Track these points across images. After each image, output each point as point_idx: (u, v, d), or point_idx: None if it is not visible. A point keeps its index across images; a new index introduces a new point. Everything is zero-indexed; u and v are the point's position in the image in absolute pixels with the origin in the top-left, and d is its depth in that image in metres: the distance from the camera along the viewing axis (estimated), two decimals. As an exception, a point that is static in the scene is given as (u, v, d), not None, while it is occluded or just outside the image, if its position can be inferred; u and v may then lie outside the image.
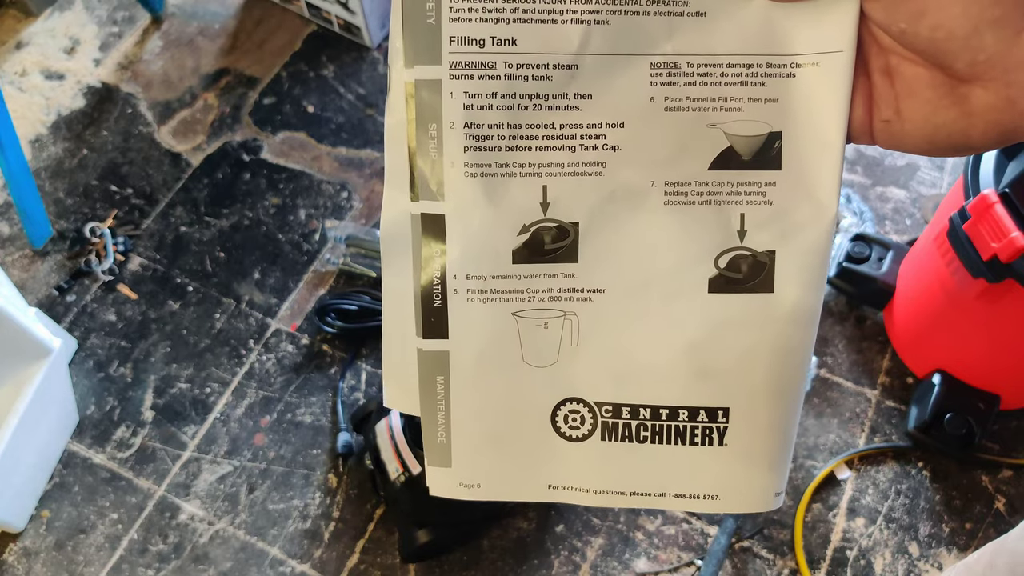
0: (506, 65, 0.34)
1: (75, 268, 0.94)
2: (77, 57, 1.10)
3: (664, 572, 0.78)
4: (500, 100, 0.34)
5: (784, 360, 0.38)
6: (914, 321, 0.83)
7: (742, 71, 0.34)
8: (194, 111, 1.05)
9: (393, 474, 0.74)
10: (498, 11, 0.33)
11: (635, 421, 0.39)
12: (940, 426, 0.80)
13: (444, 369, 0.38)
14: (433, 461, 0.40)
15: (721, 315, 0.37)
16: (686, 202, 0.36)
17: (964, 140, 0.31)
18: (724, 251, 0.36)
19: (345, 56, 1.08)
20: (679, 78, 0.34)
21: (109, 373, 0.89)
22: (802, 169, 0.35)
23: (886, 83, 0.33)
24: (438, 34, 0.34)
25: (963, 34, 0.29)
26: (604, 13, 0.33)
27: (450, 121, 0.34)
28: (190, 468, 0.84)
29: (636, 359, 0.38)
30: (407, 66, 0.34)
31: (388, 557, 0.79)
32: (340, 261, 0.93)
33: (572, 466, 0.40)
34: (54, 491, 0.83)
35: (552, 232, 0.36)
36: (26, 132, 1.03)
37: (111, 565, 0.80)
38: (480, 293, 0.37)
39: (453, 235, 0.36)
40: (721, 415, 0.38)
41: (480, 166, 0.35)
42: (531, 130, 0.35)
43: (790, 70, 0.34)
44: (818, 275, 0.37)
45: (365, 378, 0.88)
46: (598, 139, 0.35)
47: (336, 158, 1.01)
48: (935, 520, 0.80)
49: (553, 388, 0.39)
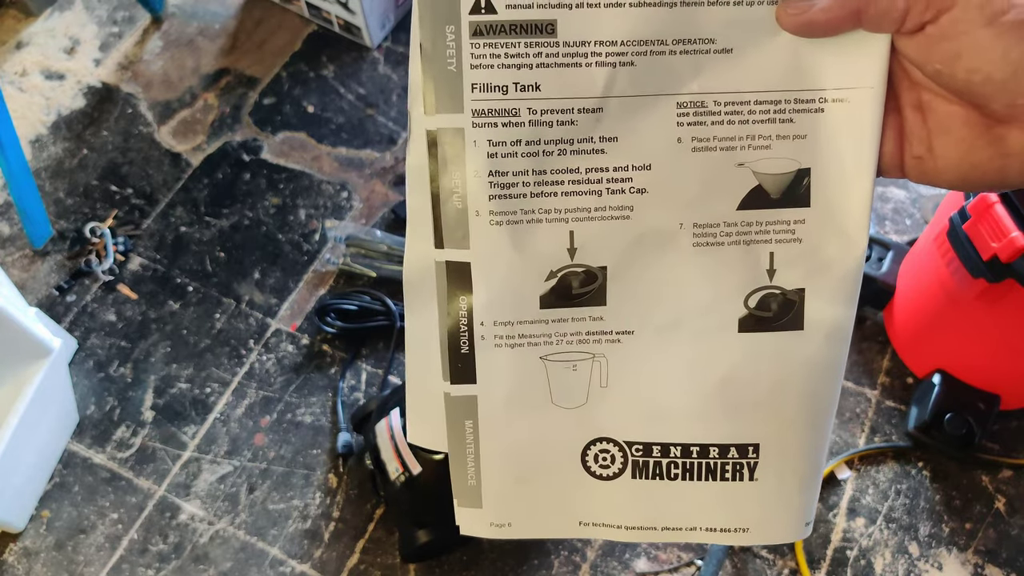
0: (530, 111, 0.33)
1: (75, 268, 0.94)
2: (77, 57, 1.10)
3: (664, 572, 0.78)
4: (525, 147, 0.34)
5: (813, 395, 0.37)
6: (914, 321, 0.83)
7: (770, 108, 0.34)
8: (194, 111, 1.05)
9: (393, 474, 0.74)
10: (521, 56, 0.33)
11: (665, 459, 0.39)
12: (940, 426, 0.80)
13: (472, 413, 0.38)
14: (463, 502, 0.40)
15: (751, 354, 0.37)
16: (715, 243, 0.35)
17: (1000, 179, 0.30)
18: (754, 290, 0.36)
19: (345, 56, 1.08)
20: (706, 117, 0.34)
21: (109, 373, 0.89)
22: (831, 205, 0.34)
23: (918, 119, 0.32)
24: (460, 81, 0.33)
25: (1002, 78, 0.28)
26: (630, 55, 0.33)
27: (474, 170, 0.34)
28: (190, 468, 0.84)
29: (666, 399, 0.38)
30: (428, 113, 0.33)
31: (388, 557, 0.79)
32: (340, 261, 0.93)
33: (603, 503, 0.40)
34: (54, 491, 0.83)
35: (580, 277, 0.36)
36: (26, 132, 1.03)
37: (111, 565, 0.80)
38: (507, 339, 0.37)
39: (479, 282, 0.36)
40: (752, 451, 0.38)
41: (506, 214, 0.34)
42: (557, 175, 0.34)
43: (819, 105, 0.33)
44: (847, 311, 0.36)
45: (365, 378, 0.88)
46: (625, 182, 0.34)
47: (336, 158, 1.01)
48: (935, 520, 0.80)
49: (583, 429, 0.39)
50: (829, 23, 0.31)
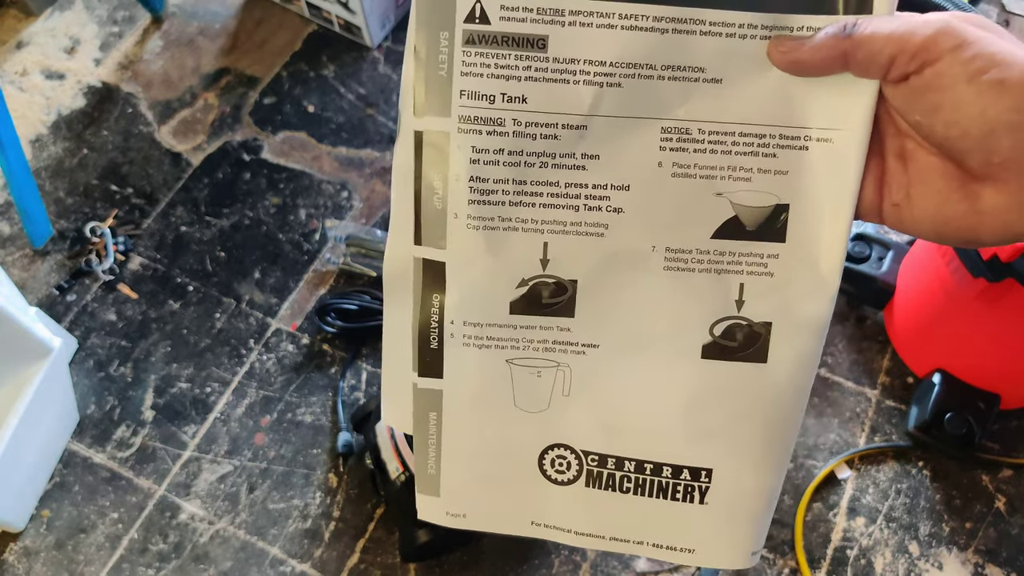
0: (515, 122, 0.34)
1: (75, 268, 0.94)
2: (77, 57, 1.10)
3: (664, 572, 0.78)
4: (507, 156, 0.34)
5: (772, 428, 0.38)
6: (914, 321, 0.83)
7: (754, 140, 0.34)
8: (194, 111, 1.05)
9: (393, 474, 0.74)
10: (510, 68, 0.33)
11: (619, 472, 0.39)
12: (940, 426, 0.80)
13: (437, 406, 0.39)
14: (423, 489, 0.42)
15: (712, 381, 0.37)
16: (686, 268, 0.36)
17: (972, 235, 0.31)
18: (720, 319, 0.36)
19: (345, 56, 1.08)
20: (689, 144, 0.34)
21: (109, 373, 0.89)
22: (807, 243, 0.35)
23: (899, 167, 0.32)
24: (449, 87, 0.33)
25: (978, 135, 0.28)
26: (618, 76, 0.33)
27: (456, 174, 0.34)
28: (190, 468, 0.84)
29: (625, 414, 0.38)
30: (416, 115, 0.34)
31: (388, 557, 0.79)
32: (340, 261, 0.93)
33: (556, 507, 0.41)
34: (54, 491, 0.83)
35: (550, 287, 0.36)
36: (26, 132, 1.03)
37: (111, 565, 0.80)
38: (476, 339, 0.37)
39: (453, 282, 0.36)
40: (704, 475, 0.39)
41: (483, 219, 0.35)
42: (536, 187, 0.35)
43: (803, 143, 0.33)
44: (813, 349, 0.36)
45: (365, 378, 0.88)
46: (602, 200, 0.35)
47: (336, 158, 1.01)
48: (935, 519, 0.80)
49: (542, 433, 0.39)
50: (817, 64, 0.31)
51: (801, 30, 0.32)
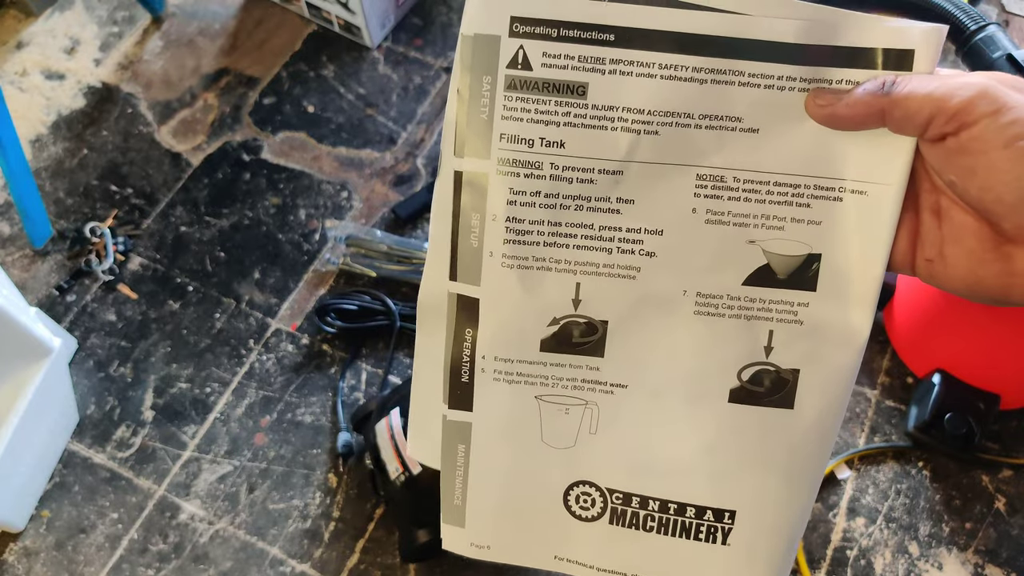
0: (552, 166, 0.34)
1: (75, 268, 0.94)
2: (77, 57, 1.10)
3: (664, 572, 0.78)
4: (543, 198, 0.35)
5: (797, 474, 0.38)
6: (914, 321, 0.83)
7: (788, 191, 0.34)
8: (194, 111, 1.05)
9: (393, 474, 0.74)
10: (550, 114, 0.34)
11: (643, 511, 0.40)
12: (940, 426, 0.80)
13: (466, 439, 0.40)
14: (448, 520, 0.42)
15: (738, 425, 0.37)
16: (716, 314, 0.36)
17: (1003, 295, 0.31)
18: (748, 364, 0.37)
19: (345, 56, 1.08)
20: (723, 192, 0.34)
21: (109, 373, 0.89)
22: (838, 293, 0.35)
23: (934, 223, 0.32)
24: (489, 130, 0.34)
25: (1012, 200, 0.28)
26: (655, 124, 0.33)
27: (493, 214, 0.35)
28: (190, 468, 0.84)
29: (651, 454, 0.39)
30: (457, 155, 0.35)
31: (388, 557, 0.79)
32: (340, 261, 0.93)
33: (579, 543, 0.41)
34: (54, 491, 0.83)
35: (581, 327, 0.37)
36: (26, 132, 1.03)
37: (111, 565, 0.80)
38: (506, 375, 0.38)
39: (485, 318, 0.37)
40: (728, 516, 0.39)
41: (518, 258, 0.36)
42: (571, 228, 0.35)
43: (837, 194, 0.34)
44: (840, 397, 0.37)
45: (365, 378, 0.88)
46: (635, 244, 0.35)
47: (336, 158, 1.01)
48: (935, 520, 0.80)
49: (568, 469, 0.40)
50: (853, 119, 0.31)
51: (840, 83, 0.32)
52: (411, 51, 1.08)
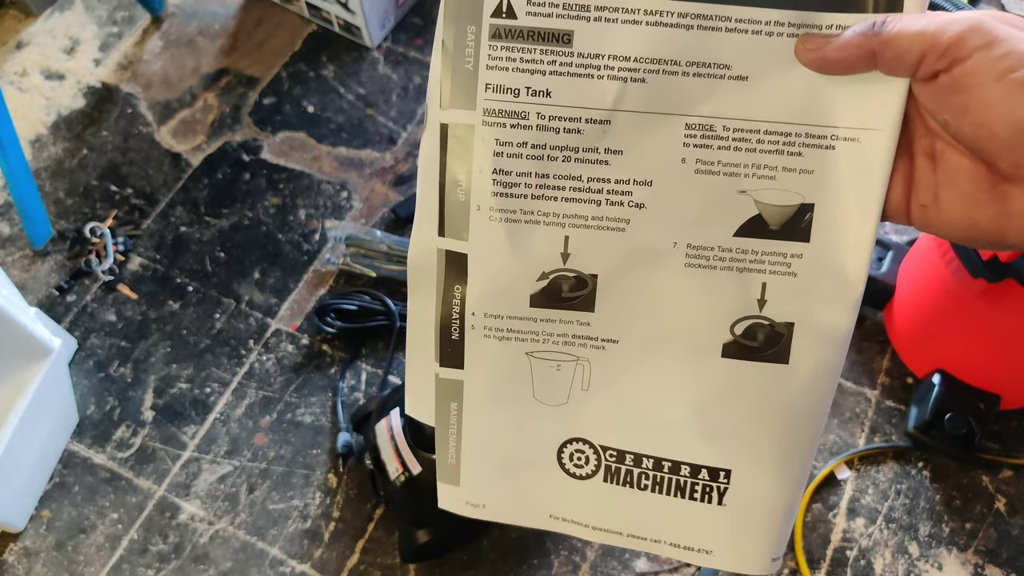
0: (539, 116, 0.34)
1: (75, 268, 0.94)
2: (77, 57, 1.10)
3: (664, 572, 0.78)
4: (530, 149, 0.34)
5: (792, 432, 0.37)
6: (914, 321, 0.83)
7: (779, 139, 0.33)
8: (194, 111, 1.05)
9: (393, 474, 0.74)
10: (535, 62, 0.33)
11: (637, 469, 0.39)
12: (940, 426, 0.80)
13: (458, 396, 0.39)
14: (443, 478, 0.42)
15: (732, 380, 0.37)
16: (707, 266, 0.35)
17: (999, 238, 0.30)
18: (741, 318, 0.36)
19: (345, 56, 1.08)
20: (713, 141, 0.34)
21: (109, 373, 0.89)
22: (831, 244, 0.34)
23: (928, 167, 0.32)
24: (474, 80, 0.34)
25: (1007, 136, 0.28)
26: (642, 72, 0.33)
27: (479, 166, 0.35)
28: (190, 468, 0.84)
29: (644, 410, 0.38)
30: (442, 108, 0.35)
31: (388, 557, 0.79)
32: (340, 261, 0.93)
33: (574, 501, 0.41)
34: (54, 491, 0.83)
35: (570, 281, 0.36)
36: (26, 132, 1.03)
37: (111, 565, 0.80)
38: (496, 331, 0.38)
39: (474, 274, 0.37)
40: (723, 476, 0.38)
41: (505, 212, 0.35)
42: (558, 180, 0.35)
43: (829, 142, 0.33)
44: (837, 353, 0.36)
45: (365, 378, 0.88)
46: (624, 195, 0.35)
47: (336, 158, 1.01)
48: (935, 520, 0.80)
49: (561, 426, 0.39)
50: (844, 62, 0.31)
51: (830, 28, 0.32)
52: (411, 51, 1.08)
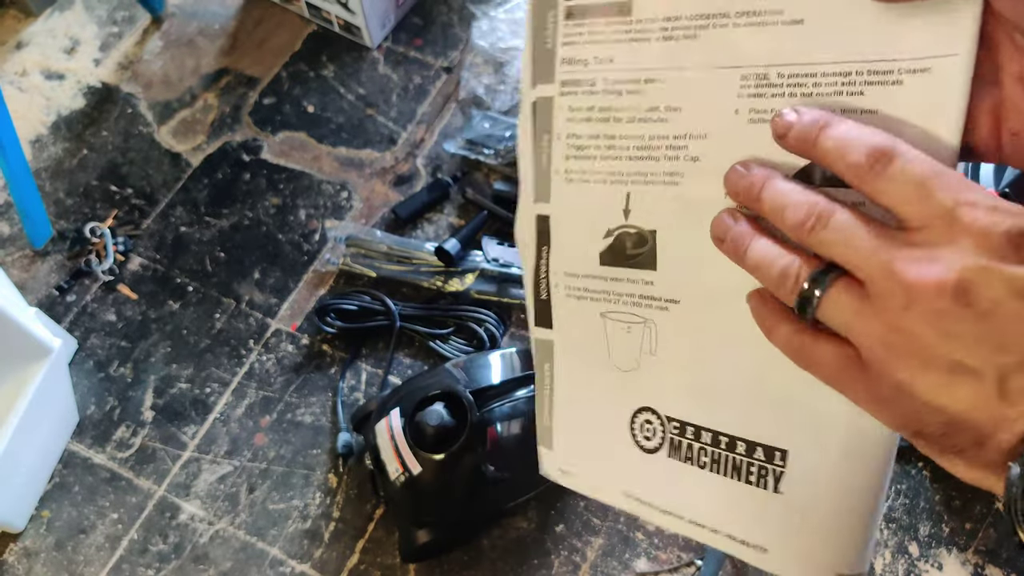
0: (604, 80, 0.37)
1: (75, 268, 0.94)
2: (77, 57, 1.10)
3: (664, 572, 0.78)
4: (598, 112, 0.37)
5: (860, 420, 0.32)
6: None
7: (838, 80, 0.31)
8: (194, 111, 1.05)
9: (393, 474, 0.74)
10: (600, 33, 0.36)
11: (696, 443, 0.37)
12: (940, 426, 0.79)
13: (549, 357, 0.42)
14: (542, 441, 0.43)
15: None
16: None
17: None
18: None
19: (345, 56, 1.08)
20: (767, 89, 0.32)
21: (109, 373, 0.89)
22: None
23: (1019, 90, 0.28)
24: (553, 57, 0.38)
25: None
26: (693, 28, 0.34)
27: (558, 133, 0.38)
28: (190, 468, 0.84)
29: (705, 375, 0.37)
30: (531, 86, 0.39)
31: (388, 557, 0.79)
32: (340, 261, 0.93)
33: (643, 477, 0.40)
34: (54, 491, 0.83)
35: (633, 238, 0.37)
36: (26, 132, 1.03)
37: (111, 565, 0.80)
38: (575, 290, 0.40)
39: (555, 234, 0.40)
40: (779, 457, 0.35)
41: (576, 172, 0.38)
42: (623, 140, 0.37)
43: (896, 77, 0.30)
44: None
45: (365, 378, 0.88)
46: (680, 149, 0.35)
47: (336, 158, 1.01)
48: (935, 520, 0.80)
49: (633, 394, 0.39)
50: None
51: None
52: (411, 51, 1.08)
